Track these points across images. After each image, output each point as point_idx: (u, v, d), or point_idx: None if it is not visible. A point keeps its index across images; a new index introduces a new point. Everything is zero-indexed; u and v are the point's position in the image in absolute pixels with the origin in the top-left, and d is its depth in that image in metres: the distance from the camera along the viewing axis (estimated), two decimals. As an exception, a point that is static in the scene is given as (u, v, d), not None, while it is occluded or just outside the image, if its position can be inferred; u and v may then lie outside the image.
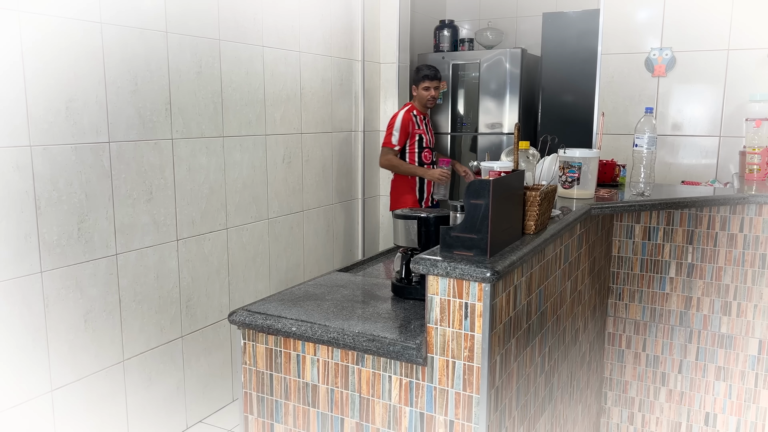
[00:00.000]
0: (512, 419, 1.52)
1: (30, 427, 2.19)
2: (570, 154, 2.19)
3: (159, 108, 2.60)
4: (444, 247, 1.38)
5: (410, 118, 3.70)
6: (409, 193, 3.80)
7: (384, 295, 1.69)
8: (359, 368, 1.43)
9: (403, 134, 3.67)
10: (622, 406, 2.70)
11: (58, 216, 2.23)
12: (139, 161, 2.54)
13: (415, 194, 3.80)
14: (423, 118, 3.79)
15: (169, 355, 2.75)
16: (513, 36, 4.99)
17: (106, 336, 2.45)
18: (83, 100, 2.29)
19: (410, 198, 3.79)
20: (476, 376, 1.31)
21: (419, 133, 3.74)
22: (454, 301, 1.32)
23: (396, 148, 3.68)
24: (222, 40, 2.90)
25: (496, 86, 4.28)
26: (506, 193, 1.42)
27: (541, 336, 1.71)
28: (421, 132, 3.75)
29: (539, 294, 1.66)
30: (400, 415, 1.41)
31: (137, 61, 2.49)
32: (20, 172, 2.10)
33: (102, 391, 2.45)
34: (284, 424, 1.55)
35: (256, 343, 1.56)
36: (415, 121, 3.72)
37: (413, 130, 3.71)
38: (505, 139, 4.30)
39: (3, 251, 2.06)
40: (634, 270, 2.59)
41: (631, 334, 2.64)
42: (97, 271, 2.39)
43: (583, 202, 2.16)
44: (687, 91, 3.45)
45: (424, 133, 3.79)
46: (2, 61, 2.02)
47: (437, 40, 4.67)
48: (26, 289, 2.14)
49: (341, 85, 3.84)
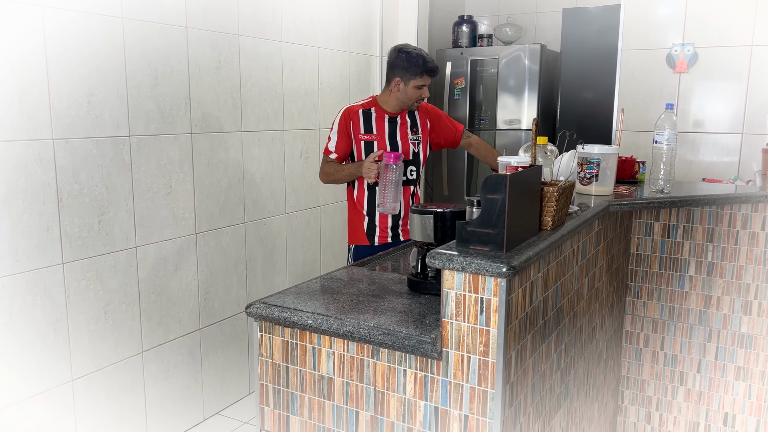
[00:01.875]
0: (527, 415, 1.52)
1: (51, 415, 2.23)
2: (589, 150, 2.18)
3: (179, 102, 2.63)
4: (460, 241, 1.38)
5: (352, 117, 2.59)
6: (358, 226, 2.69)
7: (400, 290, 1.69)
8: (374, 362, 1.44)
9: (342, 138, 2.59)
10: (639, 405, 2.67)
11: (79, 208, 2.27)
12: (159, 155, 2.56)
13: (363, 227, 2.67)
14: (391, 120, 2.63)
15: (187, 347, 2.78)
16: (532, 32, 4.95)
17: (125, 327, 2.48)
18: (104, 94, 2.32)
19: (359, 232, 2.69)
20: (491, 371, 1.31)
21: (366, 139, 2.57)
22: (469, 295, 1.32)
23: (332, 156, 2.61)
24: (241, 36, 2.92)
25: (515, 82, 4.26)
26: (523, 188, 1.42)
27: (557, 332, 1.71)
28: (371, 138, 2.57)
29: (556, 290, 1.65)
30: (415, 409, 1.41)
31: (157, 56, 2.52)
32: (43, 165, 2.14)
33: (121, 381, 2.48)
34: (300, 416, 1.57)
35: (272, 335, 1.57)
36: (364, 121, 2.59)
37: (356, 135, 2.59)
38: (523, 135, 4.27)
39: (26, 243, 2.10)
40: (652, 268, 2.57)
41: (649, 333, 2.61)
42: (117, 263, 2.42)
43: (602, 198, 2.14)
44: (709, 87, 3.40)
45: (382, 140, 2.59)
46: (27, 56, 2.06)
47: (456, 35, 4.65)
48: (48, 280, 2.18)
49: (359, 80, 3.84)
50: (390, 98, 2.61)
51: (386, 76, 2.63)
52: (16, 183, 2.06)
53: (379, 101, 2.64)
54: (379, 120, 2.61)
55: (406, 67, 2.53)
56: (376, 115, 2.61)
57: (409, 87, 2.55)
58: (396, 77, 2.56)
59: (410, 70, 2.53)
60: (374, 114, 2.61)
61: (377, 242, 2.67)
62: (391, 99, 2.61)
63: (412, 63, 2.52)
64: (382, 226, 2.68)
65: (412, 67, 2.52)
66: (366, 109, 2.62)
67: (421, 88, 2.57)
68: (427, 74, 2.55)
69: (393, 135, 2.63)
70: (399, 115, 2.65)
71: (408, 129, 2.68)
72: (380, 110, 2.63)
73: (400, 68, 2.54)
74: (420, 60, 2.53)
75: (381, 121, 2.61)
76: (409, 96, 2.58)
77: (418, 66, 2.52)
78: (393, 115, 2.64)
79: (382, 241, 2.67)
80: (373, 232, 2.68)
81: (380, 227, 2.68)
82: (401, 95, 2.58)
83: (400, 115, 2.66)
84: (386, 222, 2.67)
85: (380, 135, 2.60)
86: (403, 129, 2.66)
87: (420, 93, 2.57)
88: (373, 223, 2.67)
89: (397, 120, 2.65)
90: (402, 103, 2.60)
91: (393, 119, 2.64)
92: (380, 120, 2.61)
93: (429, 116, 2.75)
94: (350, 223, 2.72)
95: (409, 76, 2.53)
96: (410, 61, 2.53)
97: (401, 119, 2.66)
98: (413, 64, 2.52)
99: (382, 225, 2.68)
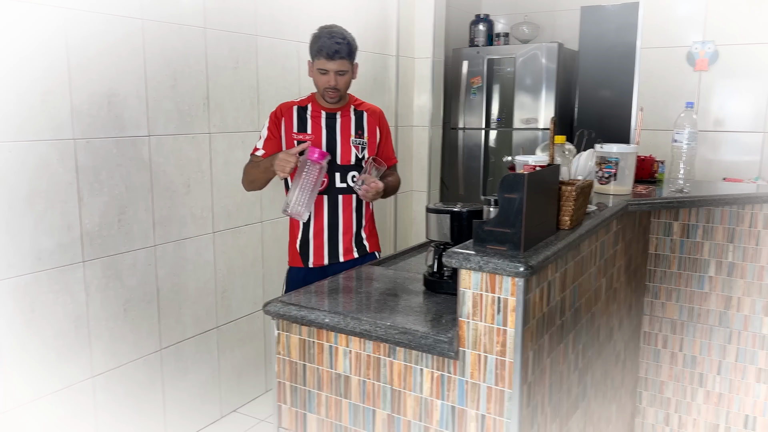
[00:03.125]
0: (545, 415, 1.51)
1: (72, 411, 2.26)
2: (607, 149, 2.16)
3: (197, 102, 2.65)
4: (477, 241, 1.38)
5: (285, 113, 2.26)
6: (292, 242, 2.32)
7: (416, 289, 1.69)
8: (391, 360, 1.44)
9: (272, 135, 2.25)
10: (657, 406, 2.65)
11: (99, 207, 2.30)
12: (178, 155, 2.59)
13: (296, 245, 2.30)
14: (328, 118, 2.25)
15: (204, 345, 2.80)
16: (550, 30, 4.92)
17: (144, 325, 2.51)
18: (124, 94, 2.35)
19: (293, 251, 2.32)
20: (508, 371, 1.31)
21: (300, 139, 2.21)
22: (486, 295, 1.32)
23: (258, 153, 2.26)
24: (258, 36, 2.93)
25: (532, 81, 4.23)
26: (541, 187, 1.41)
27: (575, 333, 1.70)
28: (305, 138, 2.21)
29: (574, 290, 1.64)
30: (432, 408, 1.41)
31: (176, 57, 2.54)
32: (64, 165, 2.17)
33: (140, 378, 2.51)
34: (317, 414, 1.58)
35: (290, 333, 1.58)
36: (299, 118, 2.24)
37: (288, 133, 2.24)
38: (540, 134, 4.25)
39: (48, 241, 2.13)
40: (671, 268, 2.54)
41: (667, 334, 2.58)
42: (137, 261, 2.45)
43: (620, 198, 2.13)
44: (730, 85, 3.36)
45: (318, 140, 2.23)
46: (49, 57, 2.09)
47: (472, 34, 4.64)
48: (69, 278, 2.21)
49: (375, 80, 3.85)
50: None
51: None
52: (39, 182, 2.09)
53: (316, 97, 2.29)
54: (315, 117, 2.24)
55: (310, 46, 2.19)
56: (312, 111, 2.25)
57: (314, 70, 2.19)
58: (309, 58, 2.22)
59: (312, 48, 2.17)
60: (310, 110, 2.26)
61: (312, 263, 2.26)
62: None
63: (313, 42, 2.17)
64: (317, 243, 2.26)
65: (313, 45, 2.17)
66: (301, 106, 2.27)
67: (325, 74, 2.15)
68: (323, 56, 2.12)
69: (332, 135, 2.24)
70: (339, 111, 2.27)
71: (351, 130, 2.27)
72: (316, 106, 2.26)
73: (309, 48, 2.20)
74: (319, 37, 2.15)
75: (317, 119, 2.24)
76: (316, 81, 2.21)
77: (315, 44, 2.15)
78: (330, 111, 2.26)
79: (317, 262, 2.26)
80: (306, 249, 2.27)
81: (314, 244, 2.26)
82: (313, 79, 2.23)
83: (340, 111, 2.27)
84: (321, 240, 2.26)
85: (316, 134, 2.23)
86: (345, 129, 2.26)
87: (324, 79, 2.16)
88: (307, 238, 2.26)
89: (337, 117, 2.26)
90: (317, 91, 2.25)
91: (331, 116, 2.26)
92: (316, 117, 2.24)
93: (379, 123, 2.36)
94: (289, 238, 2.34)
95: (312, 56, 2.18)
96: (313, 40, 2.17)
97: (342, 117, 2.27)
98: (313, 42, 2.16)
99: (317, 241, 2.26)
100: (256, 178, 2.23)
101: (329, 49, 2.11)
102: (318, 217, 2.25)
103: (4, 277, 2.02)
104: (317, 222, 2.25)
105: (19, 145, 2.03)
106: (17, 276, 2.05)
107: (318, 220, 2.25)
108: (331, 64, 2.12)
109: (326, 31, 2.15)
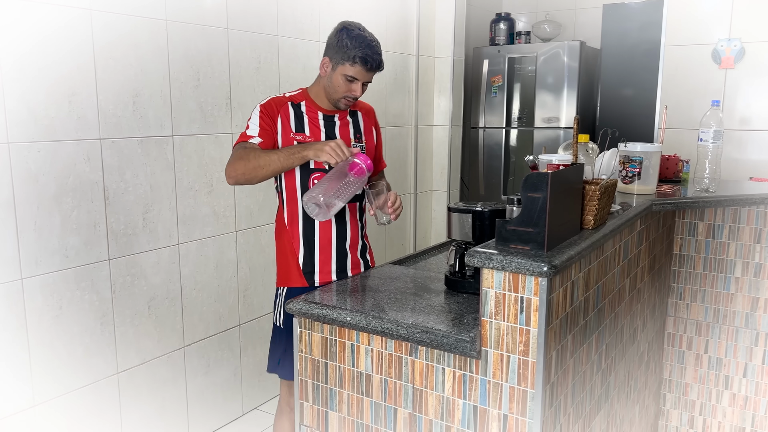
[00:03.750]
0: (567, 416, 1.50)
1: (98, 407, 2.30)
2: (631, 148, 2.14)
3: (220, 103, 2.68)
4: (500, 240, 1.37)
5: (281, 108, 1.95)
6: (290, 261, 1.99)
7: (437, 289, 1.69)
8: (413, 359, 1.44)
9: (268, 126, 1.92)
10: (681, 408, 2.61)
11: (125, 206, 2.33)
12: (201, 154, 2.62)
13: (298, 263, 1.97)
14: (327, 119, 1.98)
15: (227, 342, 2.83)
16: (571, 28, 4.88)
17: (168, 322, 2.54)
18: (149, 94, 2.38)
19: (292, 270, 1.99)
20: (531, 371, 1.30)
21: (300, 140, 1.93)
22: (509, 294, 1.31)
23: (253, 141, 1.91)
24: (280, 36, 2.95)
25: (554, 80, 4.20)
26: (565, 186, 1.40)
27: (598, 333, 1.68)
28: (305, 140, 1.93)
29: (597, 290, 1.63)
30: (453, 408, 1.41)
31: (199, 57, 2.57)
32: (91, 164, 2.20)
33: (164, 375, 2.55)
34: (338, 412, 1.58)
35: (311, 331, 1.59)
36: (295, 117, 1.95)
37: (286, 132, 1.93)
38: (562, 133, 4.21)
39: (74, 239, 2.17)
40: (696, 269, 2.51)
41: (692, 335, 2.55)
42: (161, 259, 2.49)
43: (644, 197, 2.10)
44: (756, 83, 3.30)
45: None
46: (77, 58, 2.13)
47: (493, 33, 4.61)
48: (95, 276, 2.25)
49: (395, 79, 3.85)
50: (319, 87, 1.97)
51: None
52: (66, 181, 2.13)
53: (310, 93, 1.99)
54: (312, 118, 1.96)
55: (339, 46, 1.87)
56: (307, 110, 1.96)
57: (336, 74, 1.89)
58: (325, 56, 1.92)
59: (342, 51, 1.86)
60: (305, 109, 1.96)
61: (318, 281, 1.98)
62: (320, 88, 1.97)
63: (347, 43, 1.86)
64: (323, 258, 1.98)
65: (346, 48, 1.86)
66: (295, 103, 1.96)
67: (352, 81, 1.89)
68: (362, 64, 1.86)
69: (331, 139, 1.96)
70: (336, 114, 2.00)
71: (351, 135, 2.02)
72: (312, 105, 1.97)
73: (332, 46, 1.90)
74: (359, 42, 1.86)
75: (314, 120, 1.96)
76: (334, 85, 1.91)
77: (353, 48, 1.85)
78: (328, 113, 1.99)
79: (324, 279, 1.98)
80: (311, 267, 1.97)
81: (321, 259, 1.97)
82: (326, 82, 1.93)
83: (338, 114, 2.00)
84: (329, 254, 1.98)
85: (315, 137, 1.94)
86: (344, 133, 2.00)
87: (349, 87, 1.90)
88: (312, 253, 1.97)
89: (335, 120, 1.99)
90: (328, 95, 1.95)
91: (329, 119, 1.98)
92: (313, 118, 1.96)
93: (374, 124, 2.12)
94: (279, 256, 2.03)
95: (339, 58, 1.87)
96: (345, 41, 1.86)
97: (340, 120, 2.00)
98: (347, 46, 1.86)
99: (324, 258, 1.97)
100: (267, 164, 1.82)
101: (373, 60, 1.87)
102: (325, 230, 1.97)
103: (33, 274, 2.06)
104: (324, 234, 1.97)
105: (48, 144, 2.07)
106: (45, 273, 2.09)
107: (325, 232, 1.97)
108: (367, 75, 1.90)
109: (364, 38, 1.87)
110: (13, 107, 1.97)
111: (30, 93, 2.01)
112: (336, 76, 1.89)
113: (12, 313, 2.01)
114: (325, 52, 1.93)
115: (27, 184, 2.02)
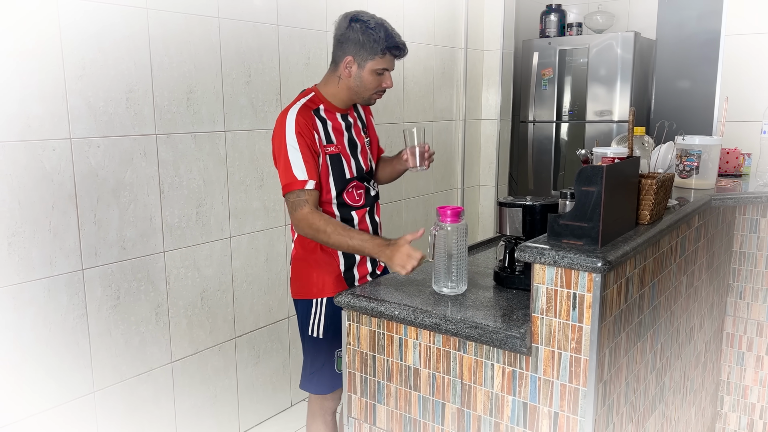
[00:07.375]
0: (620, 415, 1.47)
1: (152, 395, 2.38)
2: (689, 141, 2.07)
3: (270, 98, 2.72)
4: (552, 235, 1.35)
5: (311, 121, 1.79)
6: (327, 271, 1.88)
7: (485, 284, 1.67)
8: (461, 354, 1.43)
9: (309, 154, 1.76)
10: (740, 412, 2.52)
11: (179, 200, 2.40)
12: (252, 149, 2.66)
13: (339, 270, 1.88)
14: (344, 120, 1.89)
15: (276, 334, 2.88)
16: (625, 19, 4.74)
17: (219, 314, 2.60)
18: (202, 91, 2.44)
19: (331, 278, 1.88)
20: (584, 369, 1.28)
21: (332, 152, 1.82)
22: (561, 291, 1.29)
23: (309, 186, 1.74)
24: (329, 32, 2.97)
25: (606, 72, 4.09)
26: (620, 180, 1.37)
27: (653, 331, 1.64)
28: (335, 150, 1.83)
29: (652, 287, 1.58)
30: (503, 404, 1.40)
31: (250, 54, 2.61)
32: (147, 159, 2.27)
33: (216, 365, 2.61)
34: (386, 405, 1.59)
35: (360, 324, 1.60)
36: (322, 127, 1.82)
37: (321, 147, 1.80)
38: (615, 127, 4.11)
39: (131, 232, 2.24)
40: (758, 267, 2.40)
41: (753, 336, 2.45)
42: (213, 252, 2.55)
43: (703, 192, 2.03)
44: (825, 73, 3.13)
45: (343, 150, 1.86)
46: (134, 56, 2.19)
47: (543, 25, 4.53)
48: (151, 267, 2.32)
49: (443, 73, 3.83)
50: (339, 88, 1.83)
51: (333, 56, 1.85)
52: (124, 175, 2.20)
53: (324, 94, 1.86)
54: (334, 123, 1.85)
55: (361, 41, 1.76)
56: (326, 114, 1.84)
57: (366, 71, 1.79)
58: (348, 56, 1.78)
59: (367, 46, 1.76)
60: (324, 114, 1.84)
61: (357, 281, 1.94)
62: (340, 89, 1.84)
63: (370, 36, 1.75)
64: (361, 260, 1.92)
65: (371, 42, 1.75)
66: (315, 108, 1.83)
67: (382, 74, 1.81)
68: (391, 53, 1.79)
69: (352, 142, 1.88)
70: (348, 111, 1.91)
71: (361, 130, 1.95)
72: (329, 107, 1.85)
73: (353, 43, 1.77)
74: (382, 32, 1.76)
75: (337, 126, 1.85)
76: (365, 84, 1.81)
77: (379, 41, 1.75)
78: (343, 112, 1.89)
79: (362, 273, 1.95)
80: (351, 274, 1.90)
81: (358, 263, 1.91)
82: (354, 82, 1.81)
83: (349, 112, 1.92)
84: (365, 259, 1.92)
85: (341, 144, 1.84)
86: (357, 131, 1.92)
87: (380, 80, 1.82)
88: (352, 262, 1.90)
89: (349, 119, 1.90)
90: (356, 94, 1.84)
91: (344, 118, 1.89)
92: (334, 122, 1.85)
93: (371, 115, 2.07)
94: (308, 267, 1.89)
95: (366, 54, 1.77)
96: (368, 34, 1.75)
97: (351, 117, 1.92)
98: (372, 38, 1.75)
99: (361, 259, 1.92)
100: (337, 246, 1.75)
101: (403, 46, 1.80)
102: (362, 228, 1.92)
103: (93, 264, 2.14)
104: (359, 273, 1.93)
105: (107, 140, 2.14)
106: (104, 264, 2.17)
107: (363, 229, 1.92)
108: (395, 63, 1.83)
109: (383, 26, 1.79)
110: (74, 104, 2.04)
111: (90, 90, 2.08)
112: (365, 73, 1.79)
113: (73, 303, 2.10)
114: (345, 51, 1.79)
115: (87, 179, 2.10)
